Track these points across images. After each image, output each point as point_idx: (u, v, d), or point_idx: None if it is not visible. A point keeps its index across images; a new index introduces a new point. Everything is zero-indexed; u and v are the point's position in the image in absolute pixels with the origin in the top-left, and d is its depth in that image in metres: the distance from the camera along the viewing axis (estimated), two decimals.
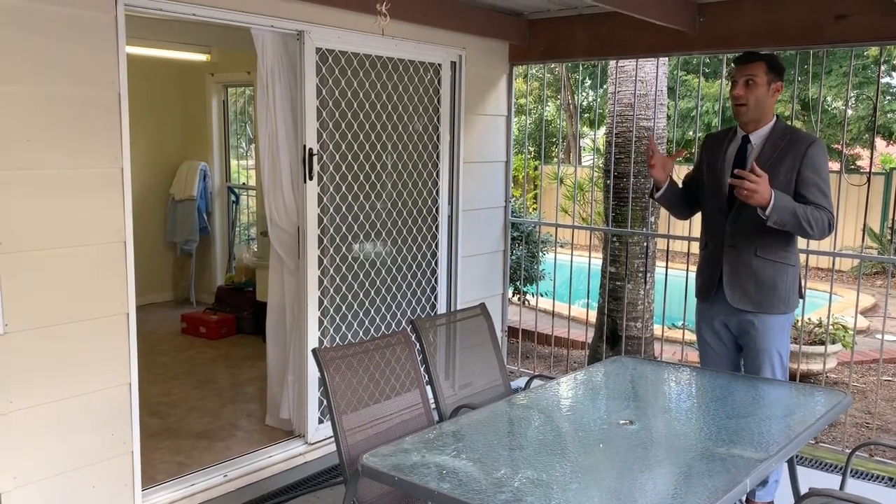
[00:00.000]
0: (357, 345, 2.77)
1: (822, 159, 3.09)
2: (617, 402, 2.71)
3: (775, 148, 3.10)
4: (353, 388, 2.63)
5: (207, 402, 4.55)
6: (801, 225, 2.99)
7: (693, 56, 4.45)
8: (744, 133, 3.19)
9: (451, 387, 3.26)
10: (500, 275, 5.10)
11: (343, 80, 3.88)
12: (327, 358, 2.59)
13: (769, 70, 3.10)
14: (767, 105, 3.14)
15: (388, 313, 4.31)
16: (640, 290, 5.44)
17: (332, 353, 2.65)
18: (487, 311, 3.38)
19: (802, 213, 2.98)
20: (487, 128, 4.84)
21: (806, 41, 3.88)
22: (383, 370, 2.75)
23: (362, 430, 2.63)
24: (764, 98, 3.11)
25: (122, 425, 3.10)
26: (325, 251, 3.90)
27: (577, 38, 4.59)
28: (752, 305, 3.15)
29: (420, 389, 2.88)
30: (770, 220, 2.95)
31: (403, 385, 2.83)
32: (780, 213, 2.94)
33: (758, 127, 3.16)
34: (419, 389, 2.88)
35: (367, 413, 2.68)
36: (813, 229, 3.01)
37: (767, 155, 3.10)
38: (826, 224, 3.03)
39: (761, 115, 3.14)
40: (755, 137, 3.16)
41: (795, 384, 3.15)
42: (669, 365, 3.20)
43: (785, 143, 3.10)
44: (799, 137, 3.12)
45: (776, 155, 3.09)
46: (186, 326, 6.10)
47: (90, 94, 2.89)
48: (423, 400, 2.88)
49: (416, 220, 4.41)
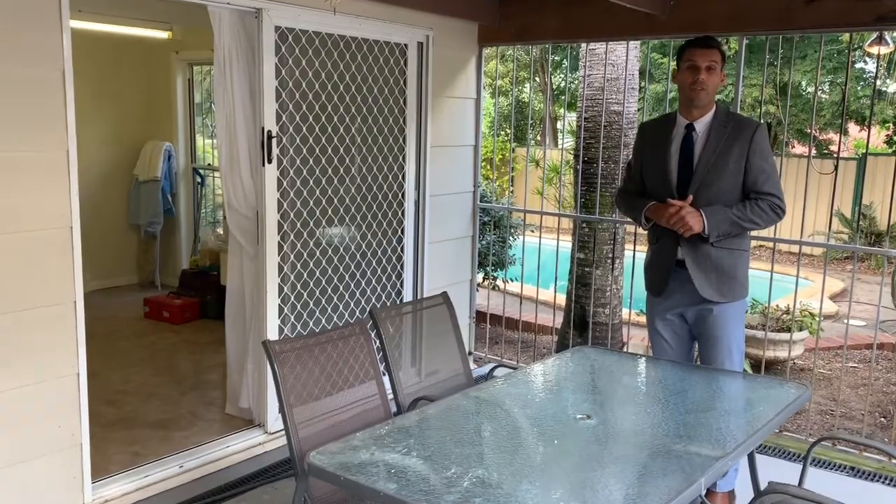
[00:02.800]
0: (310, 336, 2.68)
1: (766, 143, 3.09)
2: (576, 396, 2.66)
3: (721, 136, 3.06)
4: (304, 382, 2.55)
5: (167, 390, 4.45)
6: (744, 227, 3.05)
7: (664, 40, 4.37)
8: (687, 121, 3.13)
9: (415, 375, 3.19)
10: (468, 261, 5.03)
11: (304, 60, 3.76)
12: (278, 350, 2.50)
13: (722, 59, 3.12)
14: (715, 93, 3.16)
15: (353, 301, 4.22)
16: (608, 276, 5.40)
17: (284, 345, 2.57)
18: (450, 300, 3.31)
19: (742, 216, 3.02)
20: (456, 111, 4.74)
21: (778, 25, 3.83)
22: (336, 362, 2.67)
23: (314, 424, 2.55)
24: (717, 85, 3.11)
25: (70, 417, 3.00)
26: (285, 237, 3.80)
27: (547, 20, 4.50)
28: (717, 295, 3.11)
29: (377, 381, 2.80)
30: (711, 237, 3.01)
31: (359, 377, 2.76)
32: (719, 227, 3.00)
33: (703, 114, 3.11)
34: (376, 381, 2.80)
35: (320, 406, 2.60)
36: (759, 223, 3.05)
37: (714, 144, 3.07)
38: (772, 212, 3.05)
39: (710, 102, 3.13)
40: (699, 125, 3.12)
41: (755, 376, 3.12)
42: (632, 356, 3.15)
43: (730, 129, 3.07)
44: (743, 123, 3.11)
45: (723, 144, 3.05)
46: (149, 311, 5.97)
47: (31, 74, 2.76)
48: (381, 392, 2.81)
49: (381, 205, 4.32)
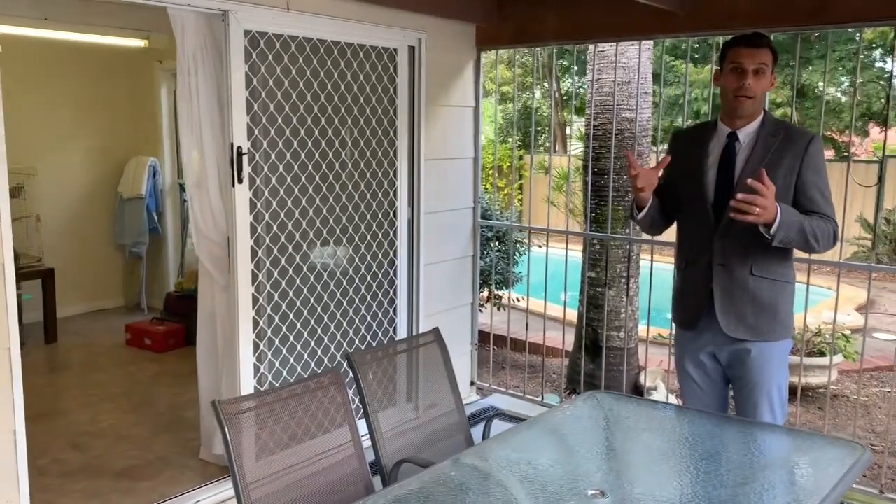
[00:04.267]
0: (273, 392, 2.28)
1: (822, 159, 2.63)
2: (587, 462, 2.22)
3: (768, 147, 2.62)
4: (263, 443, 2.15)
5: (139, 431, 4.06)
6: (807, 240, 2.54)
7: (681, 39, 3.94)
8: (729, 129, 2.69)
9: (401, 422, 2.76)
10: (468, 283, 4.62)
11: (279, 67, 3.37)
12: (230, 412, 2.10)
13: (774, 59, 2.65)
14: (764, 100, 2.70)
15: (339, 332, 3.82)
16: (623, 297, 4.97)
17: (240, 403, 2.17)
18: (441, 337, 2.91)
19: (809, 227, 2.52)
20: (452, 120, 4.34)
21: (813, 20, 3.39)
22: (302, 419, 2.27)
23: (274, 487, 2.16)
24: (767, 91, 2.66)
25: (5, 481, 2.61)
26: (260, 265, 3.41)
27: (549, 19, 4.08)
28: (750, 333, 2.66)
29: (353, 440, 2.40)
30: (776, 239, 2.48)
31: (332, 436, 2.36)
32: (787, 229, 2.48)
33: (749, 122, 2.67)
34: (352, 440, 2.40)
35: (283, 469, 2.20)
36: (819, 244, 2.56)
37: (760, 155, 2.62)
38: (832, 236, 2.58)
39: (758, 110, 2.68)
40: (743, 134, 2.67)
41: (799, 432, 2.65)
42: (653, 404, 2.72)
43: (779, 140, 2.62)
44: (796, 133, 2.65)
45: (771, 155, 2.60)
46: (131, 338, 5.58)
47: None
48: (357, 452, 2.40)
49: (370, 225, 3.91)
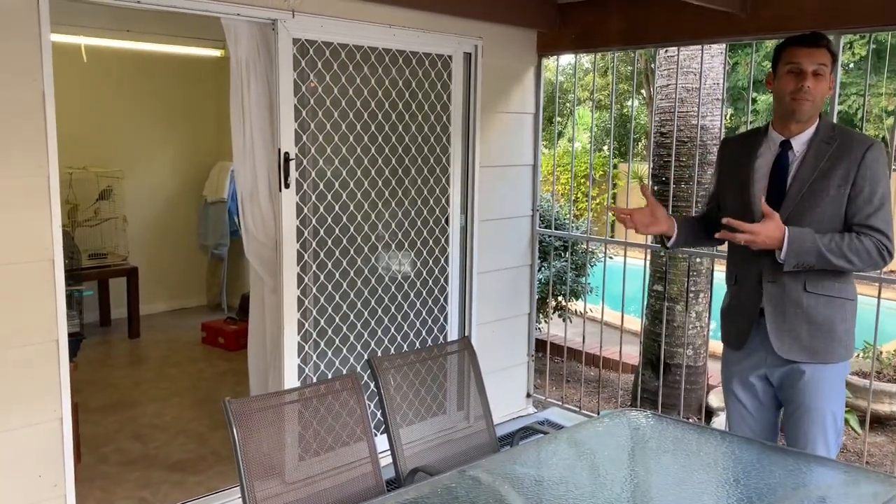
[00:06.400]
0: (284, 393, 2.31)
1: (881, 167, 2.41)
2: (593, 483, 2.07)
3: (821, 155, 2.43)
4: (270, 447, 2.18)
5: (198, 426, 4.21)
6: (834, 264, 2.37)
7: (743, 42, 3.76)
8: (782, 137, 2.52)
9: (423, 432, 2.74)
10: (525, 293, 4.54)
11: (328, 75, 3.43)
12: (240, 412, 2.14)
13: (833, 60, 2.47)
14: (822, 104, 2.52)
15: (387, 337, 3.84)
16: (691, 312, 4.76)
17: (251, 404, 2.21)
18: (471, 345, 2.87)
19: (833, 248, 2.35)
20: (510, 127, 4.29)
21: (884, 20, 3.15)
22: (314, 424, 2.29)
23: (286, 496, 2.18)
24: (826, 94, 2.48)
25: (52, 465, 2.76)
26: (306, 268, 3.48)
27: (611, 23, 3.98)
28: (804, 354, 2.47)
29: (369, 444, 2.40)
30: (787, 265, 2.37)
31: (346, 442, 2.37)
32: (799, 255, 2.35)
33: (804, 129, 2.49)
34: (367, 444, 2.40)
35: (293, 474, 2.23)
36: (854, 264, 2.37)
37: (812, 164, 2.44)
38: (877, 253, 2.38)
39: (815, 116, 2.50)
40: (797, 142, 2.49)
41: (852, 469, 2.39)
42: (685, 426, 2.56)
43: (834, 147, 2.42)
44: (852, 140, 2.44)
45: (823, 164, 2.42)
46: (206, 336, 5.82)
47: (6, 95, 2.54)
48: (373, 458, 2.40)
49: (420, 232, 3.91)
